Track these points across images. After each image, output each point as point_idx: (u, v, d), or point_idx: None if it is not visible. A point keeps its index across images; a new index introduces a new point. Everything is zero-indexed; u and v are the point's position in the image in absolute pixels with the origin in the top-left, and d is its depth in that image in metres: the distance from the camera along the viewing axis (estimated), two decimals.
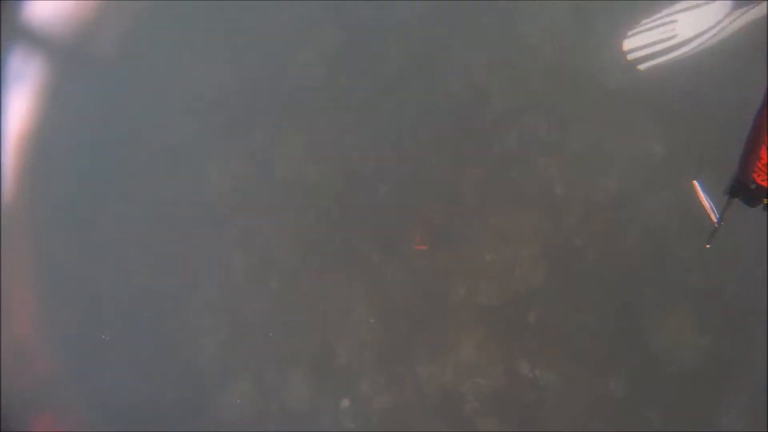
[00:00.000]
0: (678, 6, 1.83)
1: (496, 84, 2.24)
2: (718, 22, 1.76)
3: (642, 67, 1.91)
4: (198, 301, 2.24)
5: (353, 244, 2.23)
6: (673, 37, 1.82)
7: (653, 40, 1.86)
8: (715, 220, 1.40)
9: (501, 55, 2.27)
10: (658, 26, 1.84)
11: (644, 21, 1.92)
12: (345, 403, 2.13)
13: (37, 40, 2.25)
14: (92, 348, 2.24)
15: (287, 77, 2.34)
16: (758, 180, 1.24)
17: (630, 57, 1.88)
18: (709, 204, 1.42)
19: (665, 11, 1.86)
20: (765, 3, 1.67)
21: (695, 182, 1.46)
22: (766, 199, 1.28)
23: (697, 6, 1.79)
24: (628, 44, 1.88)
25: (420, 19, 2.32)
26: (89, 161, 2.31)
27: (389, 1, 2.31)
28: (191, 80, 2.36)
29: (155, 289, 2.28)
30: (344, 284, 2.20)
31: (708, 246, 1.44)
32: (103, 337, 2.28)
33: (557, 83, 2.22)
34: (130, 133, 2.32)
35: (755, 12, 1.73)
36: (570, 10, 2.25)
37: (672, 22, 1.82)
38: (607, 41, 2.15)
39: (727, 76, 1.99)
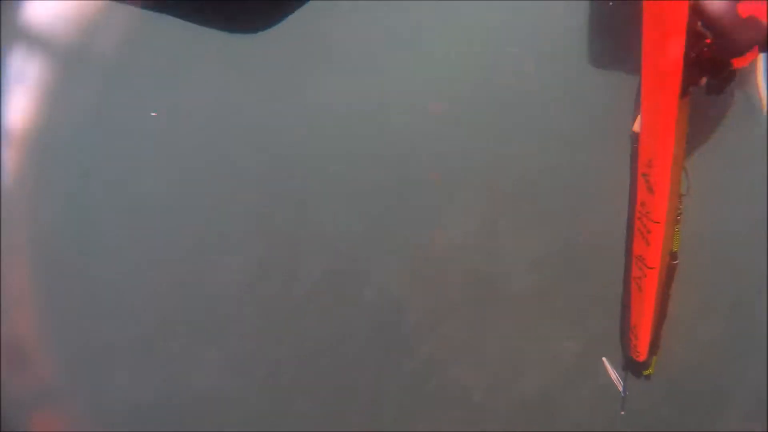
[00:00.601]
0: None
1: (411, 295, 2.26)
2: None
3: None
4: None
5: None
6: None
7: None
8: (620, 389, 1.54)
9: (416, 266, 2.31)
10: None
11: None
12: None
13: (37, 40, 2.25)
14: (92, 348, 2.25)
15: (204, 286, 2.32)
16: (633, 356, 1.33)
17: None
18: (616, 376, 1.55)
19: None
20: None
21: (604, 359, 1.60)
22: (645, 371, 1.38)
23: None
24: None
25: (340, 230, 2.33)
26: (89, 161, 2.31)
27: (309, 214, 2.30)
28: None
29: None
30: None
31: (622, 413, 1.57)
32: None
33: (471, 291, 2.26)
34: (130, 134, 2.31)
35: None
36: (480, 219, 2.25)
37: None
38: (513, 244, 2.17)
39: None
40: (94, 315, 2.25)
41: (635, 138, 1.03)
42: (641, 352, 1.28)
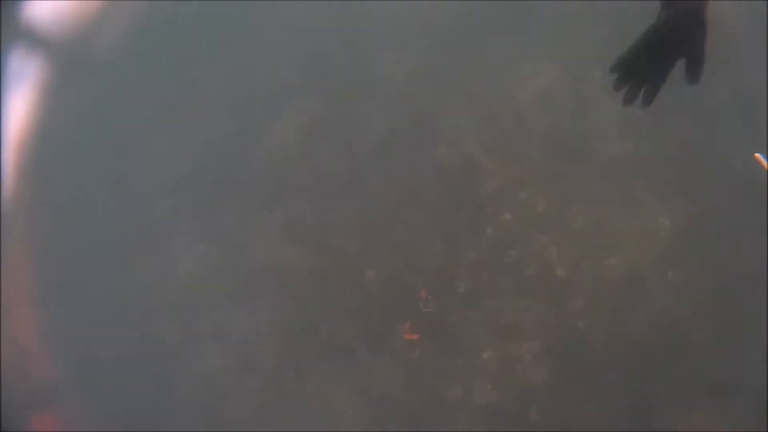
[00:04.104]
0: None
1: (488, 156, 2.06)
2: None
3: None
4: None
5: (338, 336, 2.04)
6: None
7: None
8: None
9: (493, 124, 2.10)
10: None
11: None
12: None
13: (37, 40, 2.26)
14: (92, 348, 2.23)
15: (261, 151, 2.18)
16: None
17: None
18: None
19: None
20: None
21: (757, 155, 1.36)
22: None
23: None
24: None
25: (403, 85, 2.15)
26: (89, 161, 2.31)
27: (369, 65, 2.11)
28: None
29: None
30: (330, 381, 2.00)
31: None
32: None
33: (555, 154, 2.05)
34: (130, 134, 2.32)
35: None
36: (564, 73, 2.09)
37: None
38: (601, 105, 1.97)
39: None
40: (95, 310, 2.24)
41: None
42: None
